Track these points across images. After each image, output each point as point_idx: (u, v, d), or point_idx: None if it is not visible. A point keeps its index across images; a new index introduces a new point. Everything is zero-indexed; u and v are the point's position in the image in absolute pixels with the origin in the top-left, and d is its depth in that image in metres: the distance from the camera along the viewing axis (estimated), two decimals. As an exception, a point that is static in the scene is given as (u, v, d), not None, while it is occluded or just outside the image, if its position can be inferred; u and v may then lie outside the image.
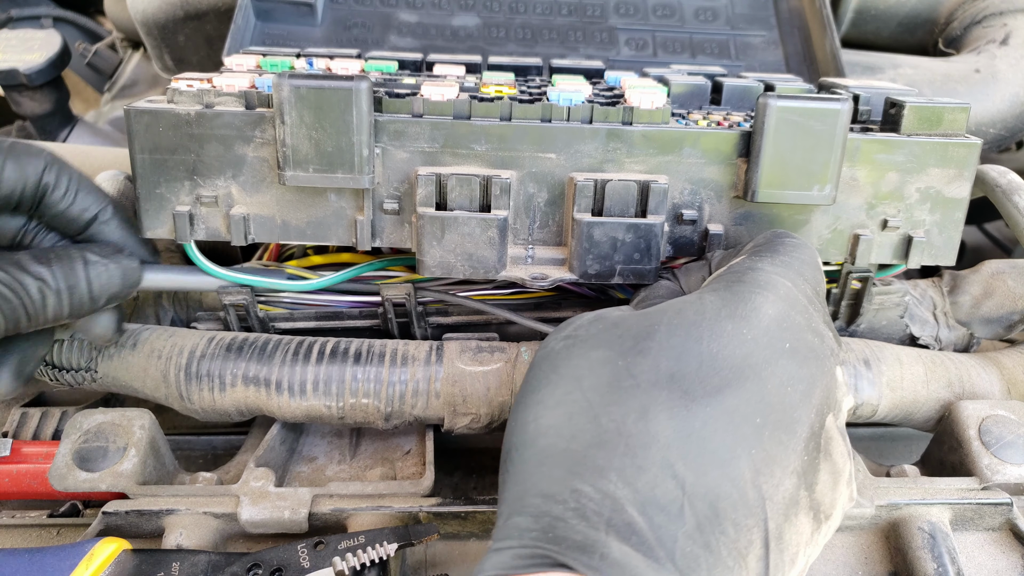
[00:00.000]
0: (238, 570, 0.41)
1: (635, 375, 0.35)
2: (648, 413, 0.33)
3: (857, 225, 0.49)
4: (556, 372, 0.37)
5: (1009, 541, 0.46)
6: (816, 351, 0.37)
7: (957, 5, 0.76)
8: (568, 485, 0.32)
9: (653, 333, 0.36)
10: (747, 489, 0.32)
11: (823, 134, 0.43)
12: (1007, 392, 0.52)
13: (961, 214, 0.49)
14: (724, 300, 0.37)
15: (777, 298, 0.37)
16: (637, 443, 0.32)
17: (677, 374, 0.34)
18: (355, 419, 0.50)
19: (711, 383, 0.34)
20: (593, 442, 0.33)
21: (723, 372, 0.34)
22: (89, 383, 0.52)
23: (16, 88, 0.95)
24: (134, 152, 0.46)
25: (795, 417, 0.35)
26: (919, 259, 0.49)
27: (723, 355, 0.35)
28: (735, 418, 0.33)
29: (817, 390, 0.36)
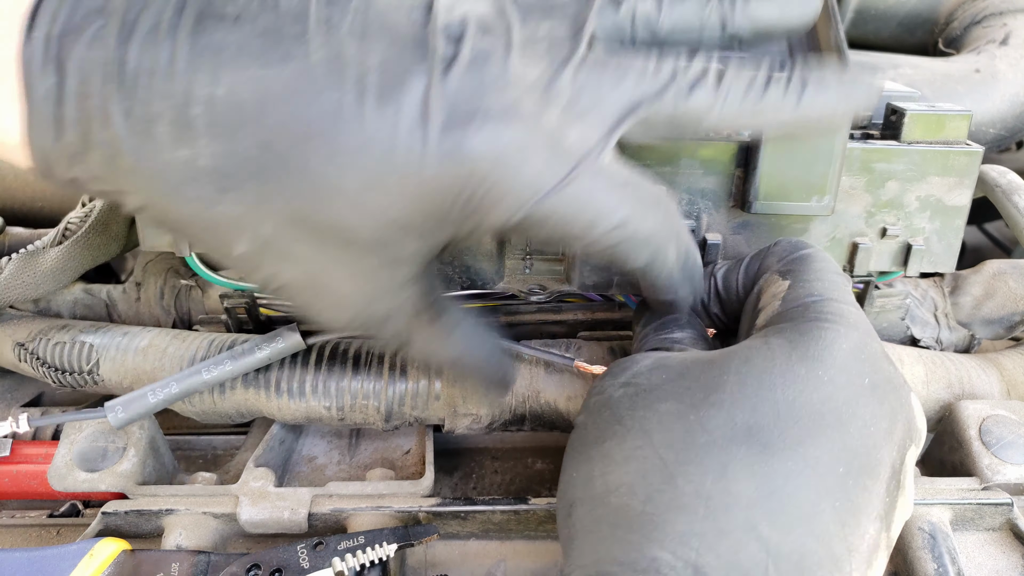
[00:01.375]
0: (238, 570, 0.41)
1: (710, 430, 0.33)
2: (728, 471, 0.31)
3: (856, 233, 0.48)
4: (621, 424, 0.35)
5: (1009, 541, 0.46)
6: (894, 382, 0.35)
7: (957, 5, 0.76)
8: (647, 553, 0.30)
9: (723, 384, 0.34)
10: (833, 543, 0.31)
11: (822, 145, 0.42)
12: (1007, 393, 0.52)
13: (961, 221, 0.48)
14: (793, 342, 0.35)
15: (848, 328, 0.35)
16: (718, 505, 0.30)
17: (754, 427, 0.32)
18: (355, 420, 0.50)
19: (791, 434, 0.32)
20: (671, 505, 0.31)
21: (802, 421, 0.32)
22: (91, 385, 0.52)
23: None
24: None
25: (879, 459, 0.33)
26: (918, 267, 0.48)
27: (800, 402, 0.33)
28: (818, 469, 0.31)
29: (899, 425, 0.34)
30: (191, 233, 0.34)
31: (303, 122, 0.31)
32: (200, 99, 0.30)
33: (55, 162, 0.32)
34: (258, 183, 0.32)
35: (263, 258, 0.34)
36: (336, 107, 0.31)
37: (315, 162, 0.31)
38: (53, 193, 0.72)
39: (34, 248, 0.52)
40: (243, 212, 0.32)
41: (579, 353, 0.51)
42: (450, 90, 0.32)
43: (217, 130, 0.31)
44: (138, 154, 0.31)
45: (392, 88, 0.31)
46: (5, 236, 0.64)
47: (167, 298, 0.58)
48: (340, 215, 0.32)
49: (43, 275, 0.52)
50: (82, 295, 0.58)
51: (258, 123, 0.31)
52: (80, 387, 0.52)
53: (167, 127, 0.31)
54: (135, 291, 0.58)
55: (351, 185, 0.32)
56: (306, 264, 0.34)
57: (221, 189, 0.32)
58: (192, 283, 0.58)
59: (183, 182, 0.32)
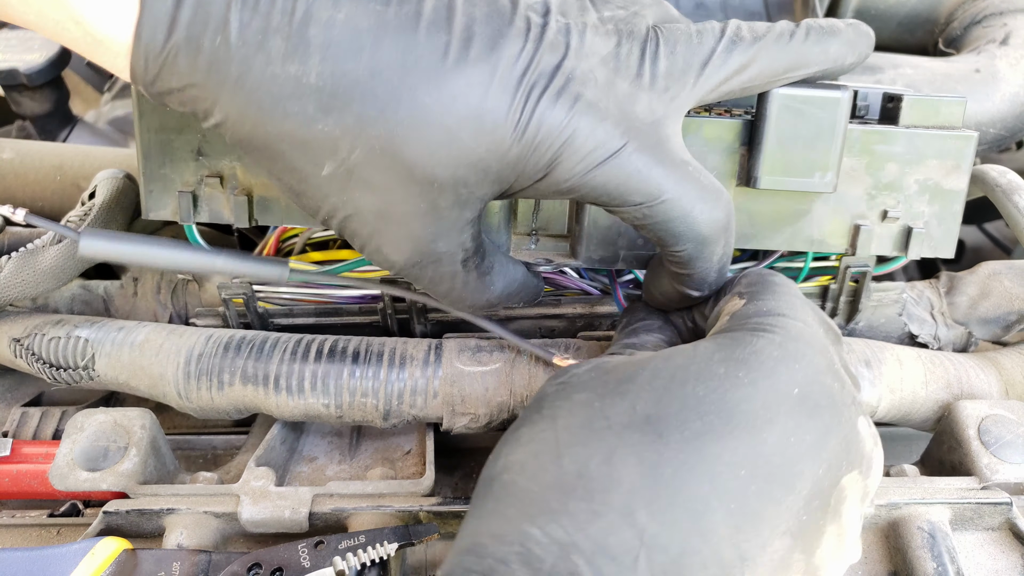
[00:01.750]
0: (238, 569, 0.41)
1: (608, 416, 0.33)
2: (614, 456, 0.31)
3: (857, 216, 0.49)
4: (539, 412, 0.35)
5: (1008, 541, 0.46)
6: (834, 398, 0.34)
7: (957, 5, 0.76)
8: (518, 527, 0.30)
9: (636, 376, 0.34)
10: (722, 546, 0.30)
11: (824, 121, 0.43)
12: (1005, 392, 0.52)
13: (959, 206, 0.49)
14: (720, 345, 0.35)
15: (787, 339, 0.35)
16: (597, 487, 0.30)
17: (654, 417, 0.32)
18: (353, 418, 0.50)
19: (691, 428, 0.31)
20: (552, 483, 0.31)
21: (707, 417, 0.32)
22: (86, 381, 0.52)
23: (16, 88, 0.95)
24: (140, 131, 0.46)
25: (796, 472, 0.32)
26: (919, 250, 0.49)
27: (710, 399, 0.32)
28: (716, 467, 0.31)
29: (831, 443, 0.33)
30: (276, 150, 0.35)
31: (413, 58, 0.33)
32: (320, 20, 0.32)
33: (155, 65, 0.33)
34: (361, 107, 0.33)
35: (343, 183, 0.35)
36: (443, 51, 0.33)
37: (417, 96, 0.33)
38: (53, 193, 0.72)
39: (33, 247, 0.52)
40: (340, 133, 0.34)
41: (578, 354, 0.51)
42: (539, 55, 0.34)
43: (332, 51, 0.33)
44: (247, 64, 0.32)
45: (493, 44, 0.34)
46: (5, 235, 0.64)
47: (164, 293, 0.58)
48: (429, 151, 0.34)
49: (42, 274, 0.52)
50: (80, 291, 0.58)
51: (372, 52, 0.33)
52: (76, 383, 0.52)
53: (282, 41, 0.32)
54: (132, 286, 0.58)
55: (446, 124, 0.34)
56: (384, 194, 0.36)
57: (324, 108, 0.33)
58: (189, 277, 0.58)
59: (288, 97, 0.33)
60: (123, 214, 0.56)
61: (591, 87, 0.36)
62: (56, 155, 0.73)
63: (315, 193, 0.36)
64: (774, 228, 0.48)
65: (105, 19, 0.32)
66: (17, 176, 0.72)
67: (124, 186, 0.57)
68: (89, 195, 0.56)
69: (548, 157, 0.36)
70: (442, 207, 0.36)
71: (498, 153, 0.35)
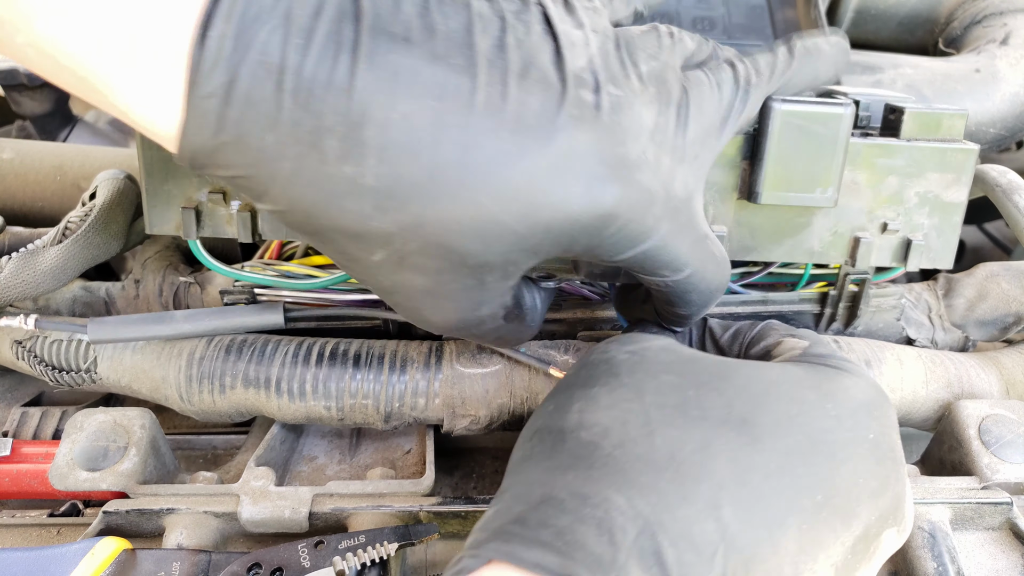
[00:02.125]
0: (238, 569, 0.41)
1: (704, 407, 0.33)
2: (710, 447, 0.31)
3: (857, 228, 0.49)
4: (617, 378, 0.35)
5: (1009, 540, 0.46)
6: (896, 453, 0.35)
7: (957, 5, 0.76)
8: (602, 491, 0.30)
9: (730, 376, 0.34)
10: (784, 562, 0.30)
11: (826, 137, 0.43)
12: (1006, 392, 0.52)
13: (959, 218, 0.49)
14: (808, 372, 0.35)
15: (868, 386, 0.35)
16: (688, 472, 0.30)
17: (751, 421, 0.32)
18: (355, 420, 0.50)
19: (783, 442, 0.32)
20: (643, 457, 0.31)
21: (797, 437, 0.32)
22: (88, 384, 0.52)
23: (16, 88, 0.95)
24: (143, 147, 0.46)
25: (856, 512, 0.32)
26: (918, 262, 0.49)
27: (799, 421, 0.33)
28: (798, 485, 0.31)
29: (887, 493, 0.34)
30: (330, 238, 0.35)
31: (472, 157, 0.32)
32: (376, 121, 0.31)
33: (202, 156, 0.32)
34: (420, 207, 0.32)
35: (394, 268, 0.35)
36: (501, 147, 0.32)
37: (477, 197, 0.33)
38: (53, 193, 0.72)
39: (34, 247, 0.52)
40: (396, 230, 0.33)
41: (578, 354, 0.51)
42: (595, 142, 0.34)
43: (388, 154, 0.31)
44: (300, 162, 0.32)
45: (549, 135, 0.33)
46: (5, 235, 0.64)
47: (166, 294, 0.58)
48: (484, 244, 0.34)
49: (43, 274, 0.52)
50: (81, 292, 0.58)
51: (431, 152, 0.32)
52: (78, 386, 0.52)
53: (336, 142, 0.31)
54: (134, 288, 0.58)
55: (503, 220, 0.33)
56: (434, 276, 0.35)
57: (381, 208, 0.32)
58: (191, 279, 0.58)
59: (343, 196, 0.32)
60: (123, 215, 0.56)
61: (646, 171, 0.35)
62: (56, 155, 0.73)
63: (363, 273, 0.36)
64: (774, 241, 0.48)
65: (150, 114, 0.31)
66: (17, 176, 0.72)
67: (125, 187, 0.57)
68: (90, 196, 0.56)
69: (597, 240, 0.36)
70: (488, 282, 0.37)
71: (552, 239, 0.35)
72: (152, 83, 0.31)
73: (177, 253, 0.61)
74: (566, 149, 0.33)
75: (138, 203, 0.58)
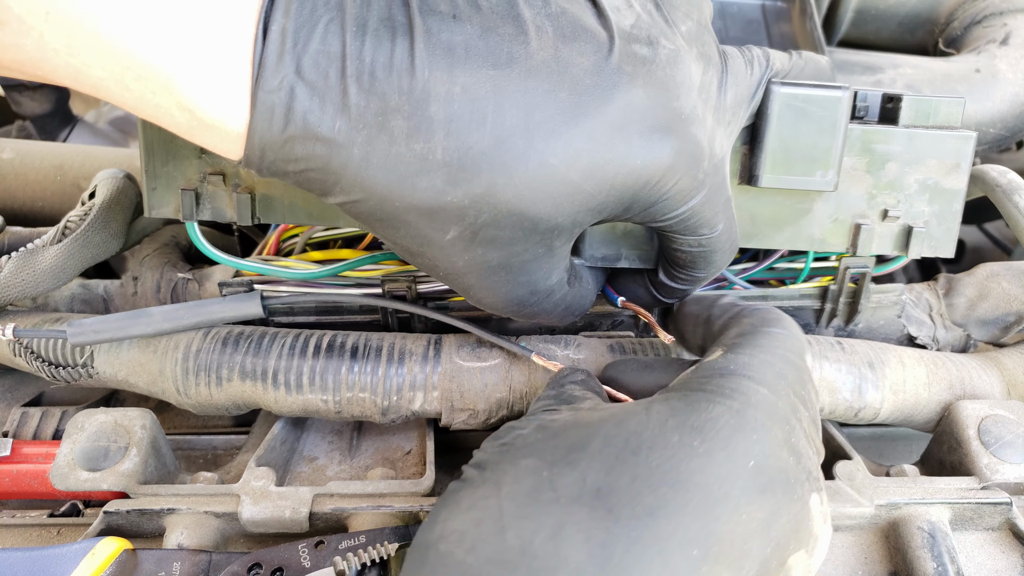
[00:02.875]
0: (239, 569, 0.41)
1: (557, 488, 0.31)
2: (561, 532, 0.29)
3: (858, 215, 0.49)
4: (481, 474, 0.34)
5: (1008, 541, 0.46)
6: (787, 473, 0.32)
7: (957, 5, 0.76)
8: None
9: (587, 443, 0.32)
10: None
11: (825, 120, 0.44)
12: (1007, 393, 0.52)
13: (959, 206, 0.49)
14: (674, 410, 0.33)
15: (746, 407, 0.33)
16: (541, 565, 0.28)
17: (604, 490, 0.30)
18: (352, 413, 0.50)
19: (643, 502, 0.29)
20: (493, 557, 0.29)
21: (660, 490, 0.30)
22: (85, 379, 0.52)
23: (16, 88, 0.95)
24: (143, 128, 0.46)
25: (744, 551, 0.30)
26: (919, 250, 0.49)
27: (663, 470, 0.30)
28: (668, 546, 0.29)
29: (780, 520, 0.31)
30: (404, 221, 0.35)
31: (535, 121, 0.33)
32: (439, 95, 0.32)
33: (271, 152, 0.33)
34: (490, 176, 0.33)
35: (468, 244, 0.36)
36: (562, 109, 0.34)
37: (545, 159, 0.34)
38: (53, 193, 0.72)
39: (33, 247, 0.52)
40: (468, 203, 0.34)
41: (579, 350, 0.51)
42: (652, 92, 0.35)
43: (455, 126, 0.33)
44: (370, 146, 0.32)
45: (608, 93, 0.34)
46: (5, 235, 0.64)
47: (164, 291, 0.58)
48: (555, 205, 0.35)
49: (42, 273, 0.52)
50: (79, 290, 0.58)
51: (495, 120, 0.33)
52: (75, 381, 0.52)
53: (403, 121, 0.32)
54: (132, 285, 0.58)
55: (571, 179, 0.34)
56: (507, 248, 0.36)
57: (453, 181, 0.33)
58: (189, 276, 0.58)
59: (415, 174, 0.33)
60: (123, 214, 0.56)
61: (697, 125, 0.37)
62: (56, 155, 0.73)
63: (436, 254, 0.36)
64: (775, 227, 0.48)
65: (217, 108, 0.32)
66: (17, 176, 0.72)
67: (124, 186, 0.57)
68: (89, 195, 0.56)
69: (657, 195, 0.37)
70: (557, 247, 0.38)
71: (616, 195, 0.36)
72: (218, 82, 0.31)
73: (176, 251, 0.61)
74: (624, 105, 0.34)
75: (138, 202, 0.58)
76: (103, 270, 0.64)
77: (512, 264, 0.37)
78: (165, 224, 0.63)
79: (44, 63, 0.31)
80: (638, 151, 0.35)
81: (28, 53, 0.30)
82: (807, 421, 0.35)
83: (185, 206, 0.47)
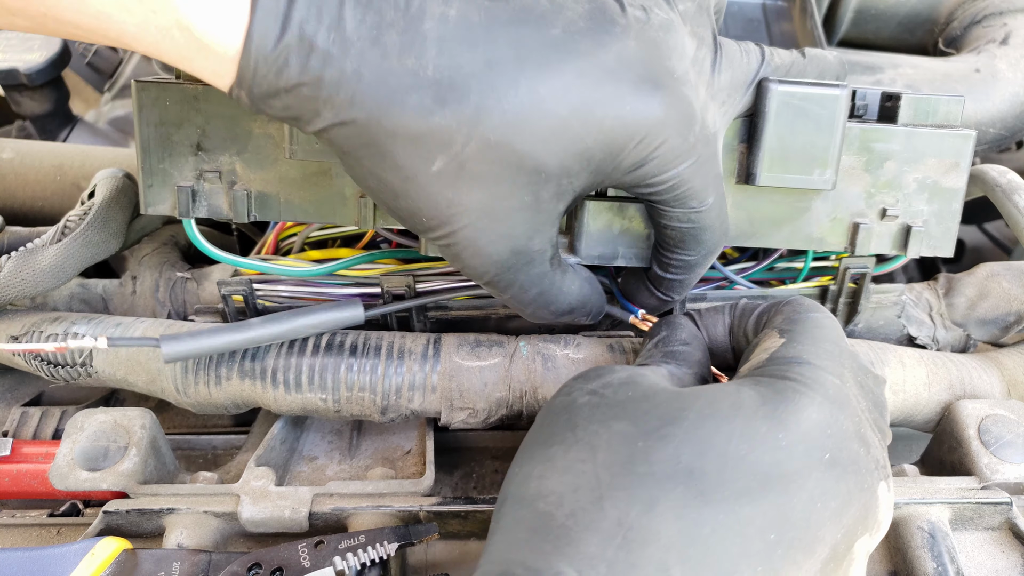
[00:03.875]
0: (238, 569, 0.41)
1: (652, 461, 0.32)
2: (656, 507, 0.31)
3: (857, 214, 0.49)
4: (573, 432, 0.35)
5: (1009, 540, 0.46)
6: (859, 464, 0.34)
7: (957, 5, 0.76)
8: (554, 564, 0.30)
9: (681, 419, 0.34)
10: None
11: (823, 118, 0.43)
12: (1007, 393, 0.52)
13: (958, 205, 0.49)
14: (764, 398, 0.35)
15: (824, 400, 0.35)
16: (636, 537, 0.30)
17: (697, 471, 0.32)
18: (351, 412, 0.50)
19: (731, 487, 0.31)
20: (591, 526, 0.31)
21: (746, 478, 0.32)
22: (84, 378, 0.52)
23: (16, 88, 0.95)
24: (140, 125, 0.46)
25: (818, 536, 0.32)
26: (918, 249, 0.49)
27: (750, 459, 0.32)
28: (748, 530, 0.31)
29: (852, 509, 0.33)
30: (386, 148, 0.35)
31: (527, 50, 0.34)
32: (434, 15, 0.33)
33: (263, 66, 0.33)
34: (479, 98, 0.34)
35: (453, 179, 0.36)
36: (555, 43, 0.35)
37: (534, 86, 0.34)
38: (53, 192, 0.72)
39: (33, 246, 0.52)
40: (456, 125, 0.34)
41: (578, 349, 0.51)
42: (644, 47, 0.36)
43: (447, 44, 0.33)
44: (363, 58, 0.33)
45: (602, 37, 0.35)
46: (4, 234, 0.64)
47: (162, 291, 0.58)
48: (542, 140, 0.35)
49: (42, 273, 0.52)
50: (78, 290, 0.58)
51: (486, 44, 0.34)
52: (74, 380, 0.52)
53: (397, 36, 0.33)
54: (131, 285, 0.58)
55: (560, 113, 0.35)
56: (491, 188, 0.36)
57: (441, 100, 0.34)
58: (188, 275, 0.58)
59: (405, 90, 0.33)
60: (122, 213, 0.56)
61: (689, 88, 0.37)
62: (56, 155, 0.73)
63: (419, 192, 0.36)
64: (773, 226, 0.48)
65: (214, 22, 0.32)
66: (17, 176, 0.72)
67: (123, 185, 0.57)
68: (89, 194, 0.56)
69: (647, 151, 0.37)
70: (543, 199, 0.37)
71: (603, 142, 0.36)
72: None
73: (175, 250, 0.61)
74: (617, 53, 0.35)
75: (137, 201, 0.58)
76: (102, 270, 0.64)
77: (496, 209, 0.37)
78: (164, 224, 0.63)
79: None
80: (628, 98, 0.36)
81: None
82: (871, 408, 0.37)
83: (181, 203, 0.47)
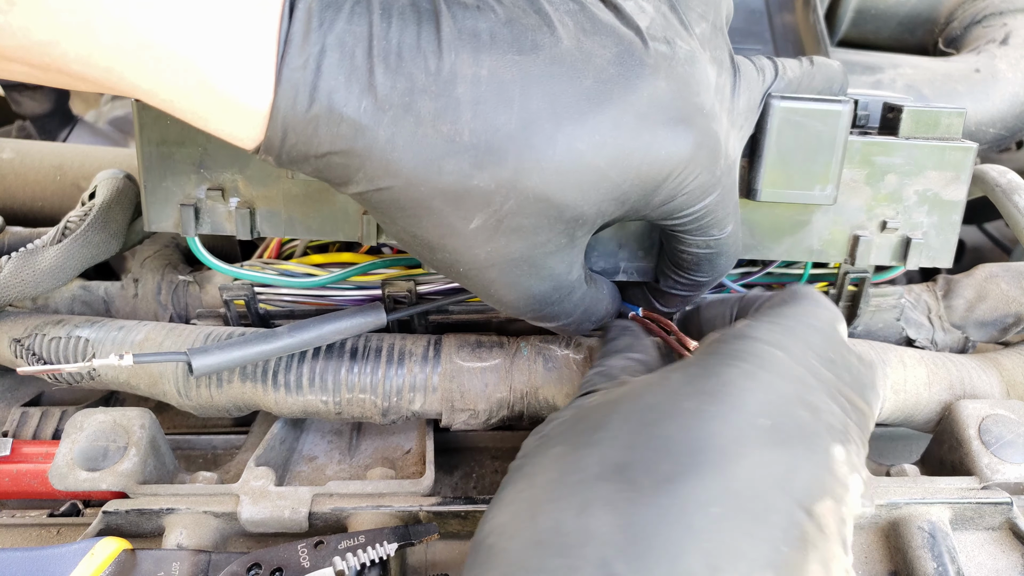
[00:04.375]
0: (238, 569, 0.41)
1: (581, 468, 0.32)
2: (588, 508, 0.30)
3: (857, 226, 0.49)
4: (521, 471, 0.35)
5: (1009, 540, 0.46)
6: (804, 428, 0.33)
7: (957, 5, 0.76)
8: None
9: (608, 422, 0.33)
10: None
11: (825, 134, 0.43)
12: (1007, 393, 0.52)
13: (958, 217, 0.49)
14: (689, 377, 0.34)
15: (758, 368, 0.33)
16: (572, 541, 0.30)
17: (624, 464, 0.31)
18: (352, 414, 0.50)
19: (662, 471, 0.30)
20: (530, 542, 0.31)
21: (678, 457, 0.31)
22: (87, 381, 0.52)
23: (16, 87, 0.95)
24: (141, 144, 0.46)
25: (768, 504, 0.31)
26: (917, 260, 0.49)
27: (678, 439, 0.31)
28: (687, 508, 0.30)
29: (800, 474, 0.32)
30: (426, 208, 0.35)
31: (562, 105, 0.34)
32: (466, 78, 0.33)
33: (293, 133, 0.33)
34: (517, 160, 0.34)
35: (492, 233, 0.36)
36: (588, 95, 0.34)
37: (572, 143, 0.34)
38: (53, 193, 0.72)
39: (33, 247, 0.52)
40: (494, 187, 0.34)
41: (578, 349, 0.51)
42: (674, 86, 0.35)
43: (482, 108, 0.33)
44: (396, 128, 0.32)
45: (631, 83, 0.35)
46: (5, 235, 0.64)
47: (164, 293, 0.58)
48: (581, 192, 0.35)
49: (42, 273, 0.52)
50: (80, 292, 0.58)
51: (521, 103, 0.33)
52: (76, 383, 0.52)
53: (430, 101, 0.32)
54: (132, 287, 0.58)
55: (597, 165, 0.35)
56: (531, 238, 0.36)
57: (479, 164, 0.33)
58: (190, 279, 0.58)
59: (442, 156, 0.33)
60: (123, 214, 0.56)
61: (716, 122, 0.37)
62: (56, 155, 0.73)
63: (457, 246, 0.36)
64: (774, 239, 0.48)
65: (239, 86, 0.31)
66: (17, 176, 0.72)
67: (124, 186, 0.57)
68: (89, 195, 0.56)
69: (678, 188, 0.37)
70: (578, 237, 0.38)
71: (639, 185, 0.36)
72: (242, 60, 0.31)
73: (176, 252, 0.61)
74: (648, 96, 0.35)
75: (137, 202, 0.58)
76: (104, 272, 0.64)
77: (535, 256, 0.37)
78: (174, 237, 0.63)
79: (54, 47, 0.30)
80: (662, 141, 0.35)
81: (38, 36, 0.30)
82: (836, 378, 0.35)
83: (184, 221, 0.47)
